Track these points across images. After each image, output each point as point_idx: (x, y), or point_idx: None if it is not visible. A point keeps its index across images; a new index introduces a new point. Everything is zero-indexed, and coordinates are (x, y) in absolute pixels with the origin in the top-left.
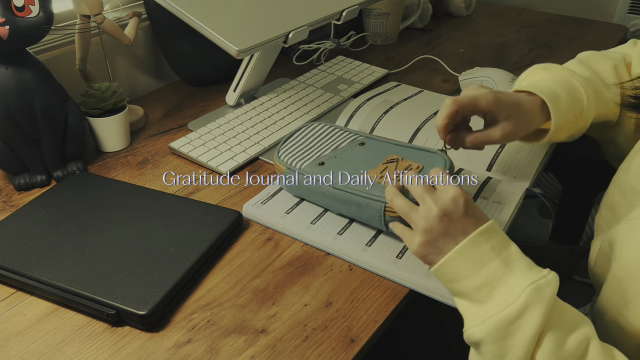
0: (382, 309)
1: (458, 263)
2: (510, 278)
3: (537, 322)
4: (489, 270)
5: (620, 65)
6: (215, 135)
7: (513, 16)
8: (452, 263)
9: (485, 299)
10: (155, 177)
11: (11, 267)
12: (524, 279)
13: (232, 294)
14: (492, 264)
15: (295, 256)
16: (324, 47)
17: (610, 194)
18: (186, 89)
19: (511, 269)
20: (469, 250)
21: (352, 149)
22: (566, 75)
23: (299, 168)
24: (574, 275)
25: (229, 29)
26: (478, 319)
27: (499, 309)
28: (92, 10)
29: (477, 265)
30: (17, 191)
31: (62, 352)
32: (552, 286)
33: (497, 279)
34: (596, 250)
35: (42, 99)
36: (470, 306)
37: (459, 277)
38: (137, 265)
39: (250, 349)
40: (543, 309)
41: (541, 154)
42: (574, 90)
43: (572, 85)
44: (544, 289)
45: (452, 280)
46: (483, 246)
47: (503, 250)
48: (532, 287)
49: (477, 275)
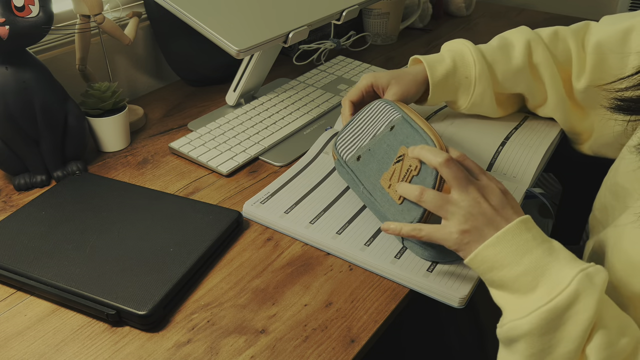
0: (382, 309)
1: (499, 250)
2: (555, 266)
3: (591, 312)
4: (532, 258)
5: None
6: (215, 135)
7: (513, 16)
8: (492, 250)
9: (529, 288)
10: (155, 177)
11: (11, 267)
12: (572, 267)
13: (232, 294)
14: (535, 252)
15: (295, 256)
16: (324, 47)
17: (602, 194)
18: (186, 89)
19: (555, 257)
20: (512, 238)
21: (384, 137)
22: (460, 45)
23: (345, 159)
24: None
25: (229, 29)
26: (523, 310)
27: (547, 298)
28: (92, 10)
29: (519, 252)
30: (17, 191)
31: (62, 352)
32: (603, 274)
33: (541, 267)
34: (589, 251)
35: (42, 99)
36: (510, 297)
37: (498, 264)
38: (137, 265)
39: (250, 349)
40: (597, 297)
41: (541, 153)
42: (462, 58)
43: (461, 53)
44: (595, 276)
45: (491, 269)
46: (525, 234)
47: (545, 241)
48: (583, 274)
49: (519, 263)
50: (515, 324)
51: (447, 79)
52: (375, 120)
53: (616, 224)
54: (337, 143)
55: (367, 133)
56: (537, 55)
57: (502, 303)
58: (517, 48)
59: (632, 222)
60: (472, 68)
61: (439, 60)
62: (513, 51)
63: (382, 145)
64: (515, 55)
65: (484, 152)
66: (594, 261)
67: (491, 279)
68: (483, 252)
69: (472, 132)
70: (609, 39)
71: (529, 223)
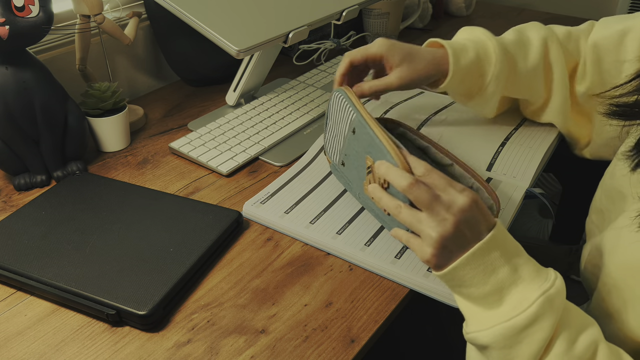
0: (382, 309)
1: (467, 271)
2: (519, 285)
3: (547, 333)
4: (498, 278)
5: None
6: (215, 135)
7: (513, 16)
8: (459, 271)
9: (494, 305)
10: (155, 177)
11: (11, 267)
12: (535, 289)
13: (232, 294)
14: (502, 271)
15: (295, 256)
16: (324, 47)
17: (598, 198)
18: (186, 89)
19: (519, 276)
20: (479, 258)
21: (351, 142)
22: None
23: (336, 163)
24: (571, 274)
25: (229, 29)
26: (484, 323)
27: (507, 316)
28: (92, 10)
29: (486, 272)
30: (17, 191)
31: (62, 352)
32: (562, 295)
33: (507, 287)
34: (586, 254)
35: (42, 99)
36: (475, 309)
37: (466, 284)
38: (137, 265)
39: (250, 349)
40: (553, 320)
41: (541, 154)
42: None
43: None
44: (555, 299)
45: (459, 286)
46: (493, 253)
47: (512, 257)
48: (544, 297)
49: (485, 283)
50: (477, 335)
51: (467, 72)
52: (339, 117)
53: (613, 227)
54: (325, 146)
55: (338, 134)
56: (552, 54)
57: (466, 313)
58: (534, 45)
59: (628, 226)
60: (490, 66)
61: (462, 50)
62: (530, 48)
63: (352, 151)
64: (533, 52)
65: (484, 152)
66: (591, 265)
67: (459, 292)
68: (451, 272)
69: (472, 133)
70: (605, 41)
71: (498, 238)
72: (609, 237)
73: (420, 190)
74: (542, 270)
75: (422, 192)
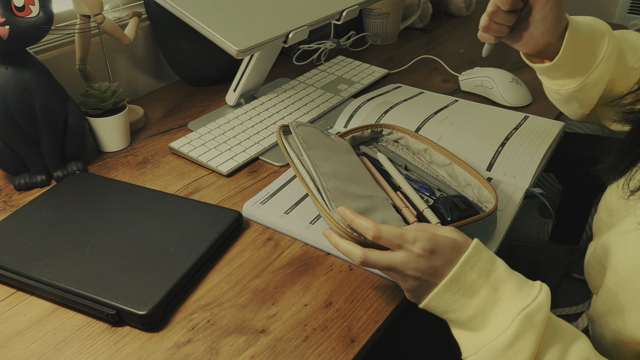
0: (382, 309)
1: (448, 297)
2: (500, 305)
3: (530, 351)
4: (479, 299)
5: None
6: (215, 135)
7: None
8: (441, 298)
9: (480, 327)
10: (155, 177)
11: (11, 267)
12: (514, 306)
13: (232, 294)
14: (481, 292)
15: (295, 256)
16: (324, 47)
17: (609, 196)
18: (186, 89)
19: (500, 294)
20: (457, 283)
21: None
22: (594, 23)
23: None
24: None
25: (229, 29)
26: (473, 347)
27: (491, 337)
28: (92, 10)
29: (466, 296)
30: (17, 191)
31: (62, 352)
32: (544, 310)
33: (489, 307)
34: (591, 251)
35: (42, 99)
36: (465, 334)
37: (451, 309)
38: (137, 265)
39: (250, 349)
40: (535, 337)
41: (541, 154)
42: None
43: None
44: (535, 316)
45: (445, 312)
46: (469, 275)
47: (491, 274)
48: (522, 315)
49: (468, 306)
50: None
51: (581, 40)
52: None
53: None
54: None
55: None
56: None
57: (459, 339)
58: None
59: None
60: (603, 46)
61: (579, 23)
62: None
63: None
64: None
65: (484, 152)
66: (597, 263)
67: (448, 319)
68: (433, 301)
69: (473, 133)
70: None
71: (474, 258)
72: (617, 236)
73: (373, 261)
74: (525, 285)
75: (375, 261)
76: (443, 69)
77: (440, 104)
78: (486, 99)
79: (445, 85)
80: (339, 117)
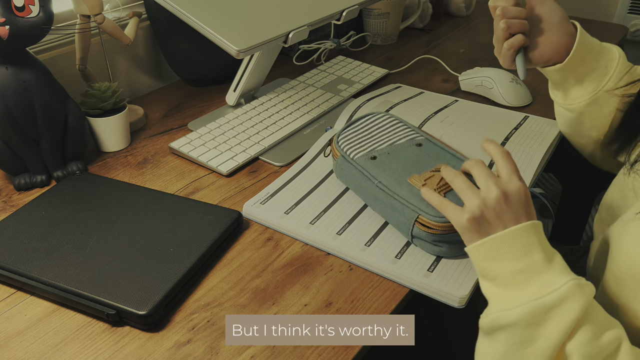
0: (382, 309)
1: (505, 243)
2: (550, 271)
3: (576, 314)
4: (533, 259)
5: None
6: (215, 135)
7: None
8: (499, 242)
9: (521, 286)
10: (155, 177)
11: (11, 267)
12: (565, 275)
13: (232, 294)
14: (537, 255)
15: (295, 256)
16: (324, 47)
17: (610, 195)
18: (186, 89)
19: (554, 265)
20: (520, 236)
21: (408, 148)
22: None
23: (352, 158)
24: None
25: (229, 29)
26: (511, 302)
27: (538, 295)
28: (92, 10)
29: (522, 251)
30: (17, 191)
31: (62, 352)
32: (592, 288)
33: (539, 269)
34: (595, 251)
35: (42, 99)
36: (499, 291)
37: (500, 257)
38: (137, 265)
39: (250, 349)
40: (583, 303)
41: (541, 154)
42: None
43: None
44: (586, 287)
45: (491, 259)
46: (532, 237)
47: (548, 250)
48: (574, 282)
49: (519, 261)
50: (502, 314)
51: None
52: (387, 132)
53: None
54: (340, 142)
55: (379, 139)
56: None
57: (490, 295)
58: None
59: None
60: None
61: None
62: None
63: (406, 153)
64: None
65: (484, 152)
66: (598, 260)
67: (486, 270)
68: (489, 242)
69: (472, 133)
70: None
71: (539, 229)
72: (616, 230)
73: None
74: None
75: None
76: (443, 69)
77: (440, 104)
78: (486, 99)
79: (445, 85)
80: (339, 117)
